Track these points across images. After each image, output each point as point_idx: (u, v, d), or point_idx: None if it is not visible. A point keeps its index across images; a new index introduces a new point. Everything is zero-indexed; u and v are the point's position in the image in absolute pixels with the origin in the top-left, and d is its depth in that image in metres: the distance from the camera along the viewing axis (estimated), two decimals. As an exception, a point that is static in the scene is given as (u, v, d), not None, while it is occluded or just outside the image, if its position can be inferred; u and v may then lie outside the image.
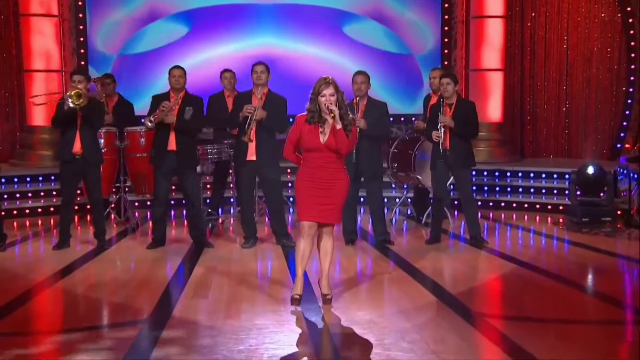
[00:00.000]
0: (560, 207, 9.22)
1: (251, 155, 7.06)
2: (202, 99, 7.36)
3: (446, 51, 11.39)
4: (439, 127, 7.06)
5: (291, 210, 9.38)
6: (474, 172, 8.84)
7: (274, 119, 6.97)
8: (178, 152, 7.04)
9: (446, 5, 11.35)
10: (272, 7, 11.15)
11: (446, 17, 11.38)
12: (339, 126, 4.95)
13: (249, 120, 6.84)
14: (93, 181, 7.17)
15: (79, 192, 8.52)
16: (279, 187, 7.39)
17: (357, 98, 7.13)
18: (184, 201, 9.43)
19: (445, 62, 11.31)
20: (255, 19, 11.12)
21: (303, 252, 5.12)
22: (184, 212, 9.24)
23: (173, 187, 9.08)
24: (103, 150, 7.95)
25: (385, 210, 7.68)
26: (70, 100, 6.77)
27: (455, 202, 9.22)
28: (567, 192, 9.08)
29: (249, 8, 11.12)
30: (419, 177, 8.40)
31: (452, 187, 8.45)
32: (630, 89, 11.01)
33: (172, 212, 9.21)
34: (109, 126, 8.33)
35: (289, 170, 10.40)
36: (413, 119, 9.37)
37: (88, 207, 9.09)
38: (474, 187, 8.54)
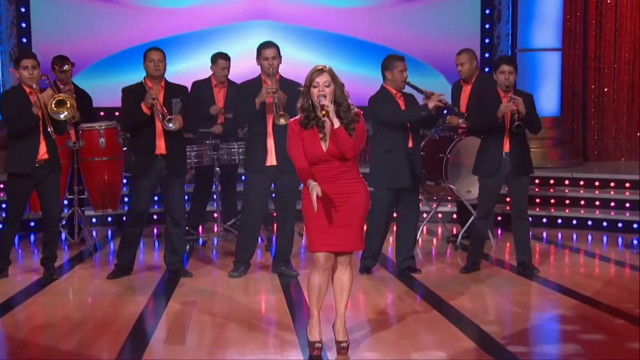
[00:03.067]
0: (634, 225, 9.22)
1: (271, 160, 7.06)
2: (187, 87, 7.40)
3: (487, 26, 11.41)
4: (509, 100, 7.01)
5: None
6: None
7: (292, 108, 6.98)
8: (169, 157, 7.05)
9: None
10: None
11: (488, -18, 11.45)
12: (337, 124, 4.95)
13: (276, 102, 6.89)
14: (54, 193, 7.15)
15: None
16: (296, 200, 7.42)
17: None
18: (155, 217, 9.54)
19: (487, 40, 11.35)
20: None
21: (320, 289, 5.12)
22: (155, 230, 9.30)
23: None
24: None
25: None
26: (57, 114, 6.79)
27: (499, 218, 9.24)
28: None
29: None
30: (452, 186, 8.41)
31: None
32: None
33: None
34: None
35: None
36: (445, 112, 9.37)
37: (32, 224, 9.16)
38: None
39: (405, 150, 7.15)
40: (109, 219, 9.66)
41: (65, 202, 8.71)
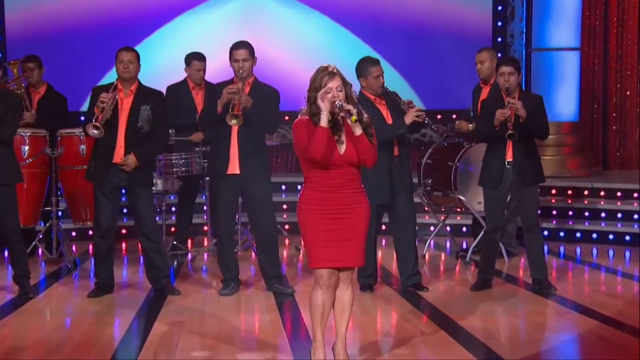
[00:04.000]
0: (659, 240, 9.23)
1: (233, 167, 7.11)
2: (162, 93, 7.40)
3: (500, 23, 11.43)
4: (505, 105, 7.00)
5: (287, 242, 9.39)
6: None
7: (262, 113, 7.02)
8: None
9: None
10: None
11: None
12: (359, 131, 4.99)
13: (234, 103, 6.88)
14: (4, 207, 7.09)
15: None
16: (271, 211, 7.43)
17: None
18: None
19: (499, 39, 11.36)
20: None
21: (322, 307, 5.12)
22: (139, 245, 9.27)
23: (125, 211, 9.18)
24: (28, 161, 7.98)
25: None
26: None
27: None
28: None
29: None
30: (461, 197, 8.41)
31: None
32: None
33: (124, 246, 9.21)
34: (31, 127, 8.29)
35: (283, 187, 10.42)
36: (453, 116, 9.42)
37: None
38: (539, 211, 8.56)
39: (389, 162, 7.06)
40: (90, 232, 9.60)
41: (42, 213, 8.68)
